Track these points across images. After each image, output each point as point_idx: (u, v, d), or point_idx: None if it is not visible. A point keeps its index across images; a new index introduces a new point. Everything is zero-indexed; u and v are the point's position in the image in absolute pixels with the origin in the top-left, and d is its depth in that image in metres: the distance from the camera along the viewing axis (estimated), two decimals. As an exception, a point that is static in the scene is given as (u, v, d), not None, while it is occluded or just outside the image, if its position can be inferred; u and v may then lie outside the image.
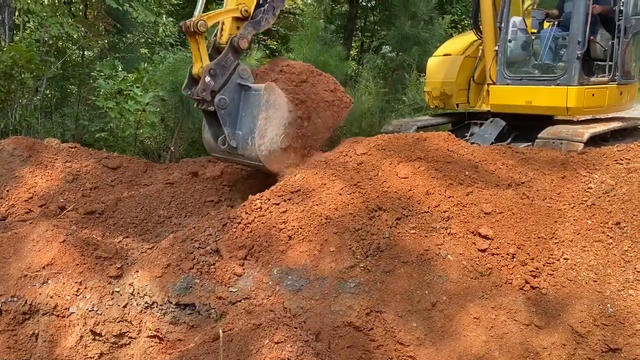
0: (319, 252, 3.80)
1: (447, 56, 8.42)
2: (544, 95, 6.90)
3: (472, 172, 4.29)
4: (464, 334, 3.42)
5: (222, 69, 4.61)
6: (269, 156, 4.71)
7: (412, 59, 11.50)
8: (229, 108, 4.68)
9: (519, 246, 3.72)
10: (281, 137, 4.75)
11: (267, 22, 4.91)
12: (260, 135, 4.62)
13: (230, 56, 4.65)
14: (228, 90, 4.67)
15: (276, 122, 4.69)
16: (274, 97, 4.65)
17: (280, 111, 4.69)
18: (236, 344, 3.15)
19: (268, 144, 4.67)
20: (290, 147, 4.82)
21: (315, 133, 4.97)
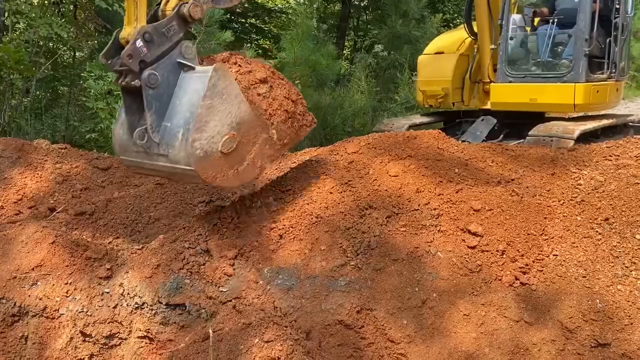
0: (309, 250, 3.80)
1: (439, 54, 8.43)
2: (549, 92, 6.94)
3: (462, 169, 4.30)
4: (454, 330, 3.43)
5: (160, 37, 3.55)
6: (204, 159, 3.47)
7: (404, 58, 11.55)
8: (159, 89, 3.54)
9: (508, 243, 3.73)
10: (224, 137, 3.52)
11: (230, 0, 4.00)
12: (197, 128, 3.42)
13: (175, 25, 3.62)
14: (163, 67, 3.56)
15: (221, 117, 3.51)
16: (224, 83, 3.52)
17: (230, 104, 3.55)
18: (226, 344, 3.15)
19: (205, 143, 3.45)
20: (233, 156, 3.62)
21: (268, 147, 3.86)
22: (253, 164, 3.76)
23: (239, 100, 3.62)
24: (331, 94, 10.64)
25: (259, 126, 3.77)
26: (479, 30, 7.95)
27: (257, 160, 3.78)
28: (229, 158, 3.60)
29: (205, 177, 3.51)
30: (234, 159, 3.63)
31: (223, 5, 4.05)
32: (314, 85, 10.21)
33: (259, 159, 3.80)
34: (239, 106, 3.62)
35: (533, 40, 7.49)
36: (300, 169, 4.56)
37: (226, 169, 3.60)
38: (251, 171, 3.78)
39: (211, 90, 3.47)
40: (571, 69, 6.75)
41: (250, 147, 3.72)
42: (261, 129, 3.79)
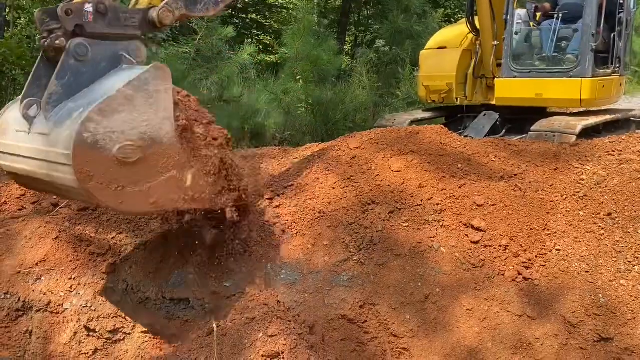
0: (312, 246, 3.81)
1: (442, 49, 8.39)
2: (555, 87, 6.92)
3: (464, 164, 4.30)
4: (457, 325, 3.44)
5: (115, 19, 3.11)
6: (88, 148, 2.75)
7: (406, 53, 11.51)
8: (82, 66, 3.01)
9: (511, 238, 3.74)
10: (126, 142, 2.84)
11: (206, 10, 3.59)
12: (100, 110, 2.78)
13: (137, 20, 3.23)
14: (98, 48, 3.06)
15: (136, 118, 2.89)
16: (158, 87, 2.98)
17: (152, 113, 2.95)
18: (230, 338, 3.16)
19: (101, 132, 2.77)
20: (126, 171, 2.88)
21: (174, 188, 3.13)
22: (146, 196, 2.97)
23: (164, 116, 3.01)
24: (332, 90, 10.63)
25: (174, 158, 3.07)
26: (481, 27, 7.92)
27: (154, 195, 2.99)
28: (119, 169, 2.85)
29: (79, 171, 2.73)
30: (124, 175, 2.88)
31: (198, 14, 3.66)
32: (316, 81, 10.20)
33: (157, 195, 3.01)
34: (162, 122, 3.00)
35: (537, 36, 7.47)
36: (303, 164, 4.57)
37: (109, 179, 2.83)
38: (140, 202, 2.97)
39: (139, 83, 2.92)
40: (577, 64, 6.73)
41: (152, 175, 2.99)
42: (175, 163, 3.08)
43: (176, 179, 3.08)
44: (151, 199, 2.97)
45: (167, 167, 3.03)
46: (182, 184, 3.11)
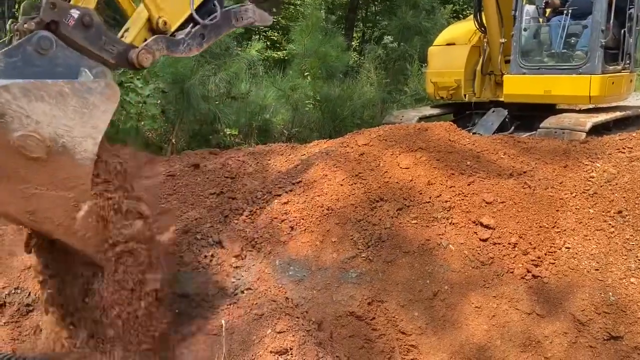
0: (320, 242, 3.81)
1: (451, 45, 8.36)
2: (564, 84, 6.88)
3: (473, 162, 4.28)
4: (465, 323, 3.44)
5: (95, 37, 2.98)
6: None
7: (414, 49, 11.46)
8: (36, 60, 2.79)
9: (520, 235, 3.72)
10: (35, 133, 2.55)
11: (188, 50, 3.49)
12: (24, 88, 2.52)
13: (115, 50, 3.10)
14: (66, 52, 2.90)
15: (58, 118, 2.61)
16: (101, 102, 2.75)
17: (81, 121, 2.69)
18: (239, 334, 3.17)
19: (13, 108, 2.49)
20: (20, 162, 2.54)
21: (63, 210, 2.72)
22: (25, 201, 2.57)
23: (90, 134, 2.72)
24: (340, 86, 10.61)
25: (78, 181, 2.72)
26: (487, 24, 7.89)
27: (34, 205, 2.59)
28: (11, 156, 2.51)
29: None
30: (13, 165, 2.53)
31: (180, 55, 3.54)
32: (323, 77, 10.17)
33: (38, 207, 2.60)
34: (84, 138, 2.70)
35: (546, 32, 7.42)
36: (311, 161, 4.56)
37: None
38: (14, 204, 2.57)
39: (81, 87, 2.70)
40: (587, 61, 6.69)
41: (44, 184, 2.62)
42: (76, 186, 2.71)
43: (67, 202, 2.70)
44: (29, 207, 2.58)
45: (64, 185, 2.67)
46: (70, 211, 2.71)
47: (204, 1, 3.60)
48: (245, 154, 5.71)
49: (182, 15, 3.49)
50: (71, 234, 2.71)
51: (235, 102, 9.62)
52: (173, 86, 7.96)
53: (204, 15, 3.58)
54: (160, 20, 3.32)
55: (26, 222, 2.63)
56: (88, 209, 2.77)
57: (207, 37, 3.60)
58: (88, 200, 2.77)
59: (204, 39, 3.58)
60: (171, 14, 3.40)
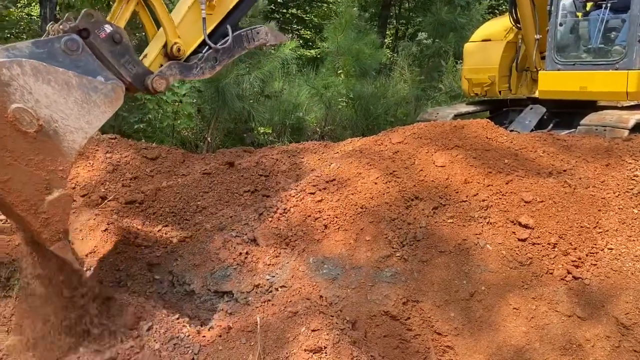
0: (354, 241, 3.79)
1: (486, 41, 8.23)
2: (601, 80, 6.69)
3: (511, 160, 4.19)
4: (503, 324, 3.37)
5: (120, 54, 3.23)
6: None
7: (449, 46, 11.32)
8: (59, 56, 2.97)
9: (560, 236, 3.62)
10: (30, 109, 2.70)
11: (201, 73, 3.68)
12: (35, 67, 2.72)
13: (133, 71, 3.32)
14: (89, 58, 3.07)
15: (58, 104, 2.79)
16: (102, 102, 2.96)
17: (78, 114, 2.85)
18: (273, 332, 3.18)
19: (20, 82, 2.66)
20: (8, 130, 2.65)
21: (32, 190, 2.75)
22: (1, 169, 2.65)
23: (82, 127, 2.86)
24: (373, 83, 10.56)
25: (55, 165, 2.79)
26: (522, 20, 7.73)
27: (9, 175, 2.66)
28: (4, 123, 2.61)
29: None
30: (3, 132, 2.62)
31: (193, 78, 3.75)
32: (357, 75, 10.14)
33: (11, 177, 2.67)
34: (76, 130, 2.84)
35: (585, 26, 7.21)
36: (344, 159, 4.54)
37: None
38: None
39: (88, 84, 2.88)
40: (624, 56, 6.47)
41: (23, 157, 2.70)
42: (53, 171, 2.79)
43: (41, 182, 2.76)
44: (5, 175, 2.64)
45: (43, 166, 2.75)
46: (41, 191, 2.76)
47: (217, 25, 3.78)
48: (278, 152, 5.74)
49: (196, 40, 3.68)
50: (34, 213, 2.75)
51: (269, 100, 9.68)
52: (208, 85, 8.06)
53: (217, 39, 3.78)
54: (175, 46, 3.53)
55: None
56: (59, 196, 2.81)
57: (220, 60, 3.77)
58: (61, 188, 2.83)
59: (217, 62, 3.76)
60: (186, 40, 3.60)
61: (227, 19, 3.84)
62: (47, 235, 2.82)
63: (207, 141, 8.63)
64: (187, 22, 3.64)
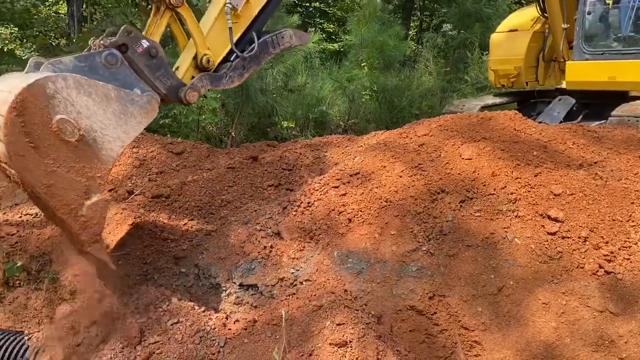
0: (379, 235, 3.76)
1: (513, 32, 8.08)
2: (630, 70, 6.51)
3: (540, 152, 4.10)
4: (532, 319, 3.30)
5: (155, 67, 3.40)
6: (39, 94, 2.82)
7: (475, 37, 11.13)
8: (99, 69, 3.18)
9: (591, 229, 3.53)
10: (72, 120, 2.88)
11: (230, 82, 3.84)
12: (78, 82, 2.91)
13: (167, 84, 3.48)
14: (127, 71, 3.26)
15: (98, 115, 2.98)
16: (139, 114, 3.15)
17: (116, 125, 3.05)
18: (298, 325, 3.17)
19: (63, 95, 2.85)
20: (52, 139, 2.84)
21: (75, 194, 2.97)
22: (47, 175, 2.83)
23: (119, 137, 3.04)
24: (398, 76, 10.45)
25: (94, 172, 2.97)
26: (549, 10, 7.56)
27: (52, 180, 2.85)
28: (46, 132, 2.79)
29: (18, 101, 2.68)
30: (46, 141, 2.80)
31: (223, 87, 3.90)
32: (381, 67, 10.05)
33: (55, 183, 2.86)
34: (114, 139, 3.02)
35: (614, 14, 7.01)
36: (368, 152, 4.51)
37: (32, 130, 2.75)
38: (37, 174, 2.82)
39: (126, 96, 3.09)
40: (655, 45, 6.29)
41: (66, 165, 2.88)
42: (92, 178, 2.97)
43: (81, 187, 2.95)
44: (48, 180, 2.84)
45: (83, 172, 2.95)
46: (80, 196, 2.95)
47: (243, 33, 3.89)
48: (302, 146, 5.72)
49: (223, 50, 3.82)
50: (74, 216, 2.95)
51: (292, 94, 9.68)
52: (232, 80, 8.06)
53: (244, 46, 3.92)
54: (204, 58, 3.69)
55: (40, 192, 2.86)
56: (97, 200, 3.00)
57: (247, 67, 3.92)
58: (99, 194, 3.02)
59: (245, 69, 3.91)
60: (214, 51, 3.74)
61: (252, 25, 3.94)
62: (85, 237, 3.01)
63: (231, 136, 8.67)
64: (214, 33, 3.77)
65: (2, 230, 4.31)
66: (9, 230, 4.31)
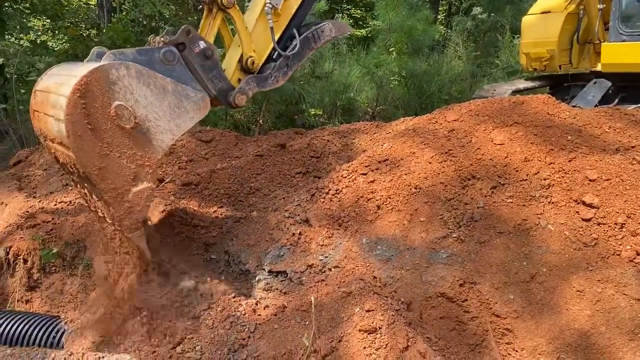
0: (408, 222, 3.73)
1: (545, 14, 7.85)
2: None
3: (575, 136, 3.99)
4: (566, 307, 3.23)
5: (209, 69, 3.51)
6: (102, 80, 2.99)
7: (506, 20, 10.86)
8: (157, 64, 3.27)
9: (628, 215, 3.42)
10: (130, 107, 3.01)
11: (276, 82, 3.91)
12: (139, 71, 3.07)
13: (218, 85, 3.57)
14: (182, 69, 3.38)
15: (154, 105, 3.13)
16: (192, 108, 3.28)
17: (170, 117, 3.20)
18: (327, 311, 3.18)
19: (125, 83, 3.01)
20: (109, 124, 2.98)
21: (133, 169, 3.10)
22: (100, 157, 2.96)
23: (171, 129, 3.17)
24: (427, 61, 10.29)
25: (143, 160, 3.10)
26: None
27: (104, 163, 2.98)
28: (104, 116, 2.92)
29: (81, 84, 2.82)
30: (103, 125, 2.94)
31: (269, 87, 3.95)
32: (409, 52, 9.91)
33: (106, 165, 2.98)
34: (166, 131, 3.15)
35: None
36: (397, 139, 4.46)
37: (92, 112, 2.88)
38: (90, 154, 2.93)
39: (182, 90, 3.22)
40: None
41: (118, 149, 3.00)
42: (141, 166, 3.09)
43: (130, 173, 3.07)
44: (101, 163, 2.96)
45: (133, 159, 3.07)
46: (129, 182, 3.07)
47: (284, 31, 3.92)
48: (329, 133, 5.71)
49: (266, 50, 3.86)
50: (120, 201, 3.06)
51: (319, 81, 9.64)
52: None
53: (285, 42, 3.95)
54: (250, 60, 3.74)
55: (91, 174, 2.96)
56: (143, 188, 3.11)
57: (290, 65, 3.96)
58: (147, 182, 3.13)
59: (288, 67, 3.95)
60: (258, 51, 3.79)
61: (291, 22, 3.95)
62: (127, 223, 3.11)
63: (259, 124, 8.70)
64: (256, 34, 3.81)
65: (38, 218, 4.43)
66: (45, 217, 4.42)
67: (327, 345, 2.95)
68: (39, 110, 3.22)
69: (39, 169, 5.63)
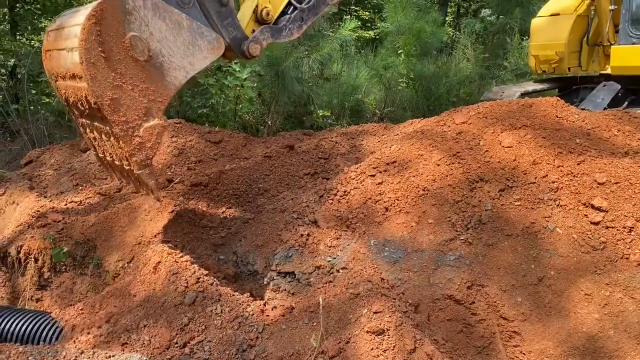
0: (416, 224, 3.74)
1: (555, 16, 7.82)
2: None
3: (583, 139, 3.98)
4: (574, 310, 3.23)
5: (224, 16, 3.45)
6: (118, 8, 3.01)
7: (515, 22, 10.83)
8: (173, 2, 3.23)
9: (637, 219, 3.42)
10: (144, 39, 3.01)
11: (290, 34, 3.86)
12: (155, 4, 3.06)
13: (232, 33, 3.50)
14: (197, 12, 3.34)
15: (168, 40, 3.11)
16: (205, 48, 3.26)
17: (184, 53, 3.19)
18: (335, 313, 3.19)
19: (141, 14, 3.00)
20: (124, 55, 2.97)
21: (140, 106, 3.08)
22: (113, 87, 2.93)
23: (185, 66, 3.15)
24: (435, 63, 10.29)
25: (157, 95, 3.08)
26: None
27: (117, 94, 2.94)
28: (120, 47, 2.90)
29: (98, 10, 2.80)
30: (118, 56, 2.91)
31: (283, 40, 3.90)
32: (417, 54, 9.91)
33: (119, 96, 2.96)
34: (179, 67, 3.12)
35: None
36: (405, 141, 4.47)
37: (106, 41, 2.85)
38: (104, 84, 2.90)
39: (197, 28, 3.17)
40: None
41: (131, 81, 2.99)
42: (154, 100, 3.07)
43: (142, 108, 3.04)
44: (113, 94, 2.94)
45: (146, 93, 3.04)
46: (140, 116, 3.04)
47: None
48: (338, 135, 5.72)
49: (283, 2, 3.79)
50: (131, 135, 3.04)
51: (327, 83, 9.65)
52: (268, 69, 8.12)
53: None
54: (264, 11, 3.67)
55: (103, 105, 2.93)
56: (154, 124, 3.09)
57: (306, 19, 3.89)
58: (158, 118, 3.10)
59: (303, 21, 3.88)
60: (274, 3, 3.72)
61: None
62: (137, 159, 3.09)
63: (267, 125, 8.73)
64: None
65: (49, 217, 4.47)
66: (55, 217, 4.47)
67: (335, 346, 2.96)
68: (52, 49, 3.20)
69: (49, 169, 5.69)
